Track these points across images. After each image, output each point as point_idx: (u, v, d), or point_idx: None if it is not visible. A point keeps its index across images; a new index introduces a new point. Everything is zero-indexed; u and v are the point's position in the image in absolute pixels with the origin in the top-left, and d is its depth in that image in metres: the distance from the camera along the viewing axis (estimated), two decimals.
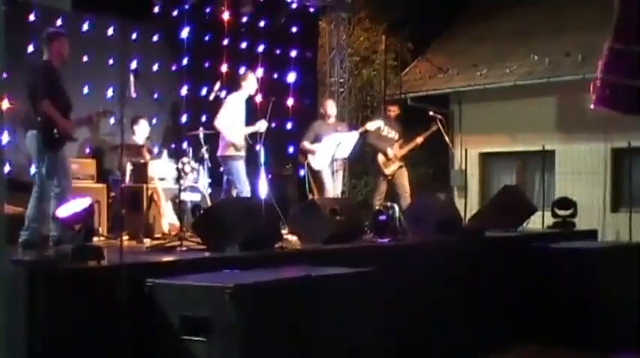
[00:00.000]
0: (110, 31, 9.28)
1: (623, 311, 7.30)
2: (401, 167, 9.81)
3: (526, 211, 8.75)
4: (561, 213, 9.39)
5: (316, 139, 9.10)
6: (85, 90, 8.95)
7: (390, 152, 9.72)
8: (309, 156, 9.02)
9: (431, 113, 9.81)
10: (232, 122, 8.12)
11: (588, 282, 7.09)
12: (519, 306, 7.28)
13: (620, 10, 8.32)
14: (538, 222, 9.73)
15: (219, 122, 8.12)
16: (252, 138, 8.25)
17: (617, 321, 7.19)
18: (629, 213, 12.62)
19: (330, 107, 9.47)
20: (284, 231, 6.68)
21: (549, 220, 9.67)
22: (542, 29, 14.75)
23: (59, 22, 8.03)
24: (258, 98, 8.77)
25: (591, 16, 13.24)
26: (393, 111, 10.01)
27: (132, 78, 6.73)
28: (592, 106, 8.70)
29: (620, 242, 11.48)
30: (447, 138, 9.96)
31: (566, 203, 9.50)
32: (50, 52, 6.17)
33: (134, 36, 9.67)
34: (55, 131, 5.94)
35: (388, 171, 9.74)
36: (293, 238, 6.58)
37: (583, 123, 12.69)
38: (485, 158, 15.19)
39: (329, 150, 8.97)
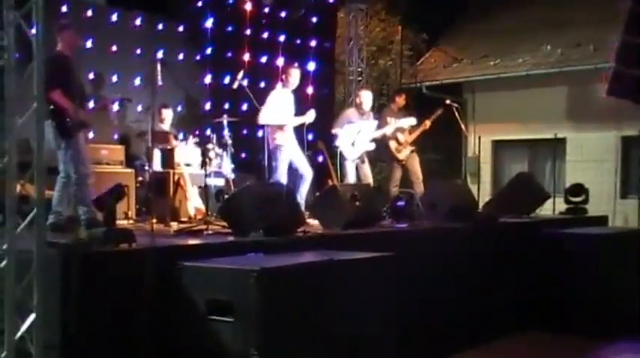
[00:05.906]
0: (137, 22, 9.47)
1: (629, 298, 7.36)
2: (413, 151, 9.88)
3: (539, 198, 8.85)
4: (573, 199, 9.51)
5: None
6: (114, 78, 9.16)
7: (401, 137, 9.79)
8: (342, 146, 8.94)
9: (447, 101, 9.87)
10: (276, 116, 8.00)
11: (599, 268, 7.12)
12: (528, 292, 7.32)
13: (631, 4, 8.57)
14: (549, 208, 9.94)
15: (263, 118, 7.95)
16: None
17: (622, 308, 7.24)
18: (638, 199, 12.82)
19: (367, 100, 9.33)
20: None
21: (560, 207, 9.86)
22: (550, 22, 14.90)
23: (89, 14, 8.26)
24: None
25: (597, 11, 13.48)
26: (402, 100, 10.06)
27: (159, 67, 6.86)
28: (604, 95, 8.96)
29: (630, 228, 11.66)
30: (462, 126, 10.10)
31: (578, 190, 9.62)
32: (62, 42, 6.30)
33: (160, 27, 9.84)
34: (68, 119, 6.05)
35: (401, 155, 9.77)
36: (314, 222, 6.64)
37: (594, 111, 12.86)
38: (497, 145, 15.39)
39: (349, 138, 9.00)
